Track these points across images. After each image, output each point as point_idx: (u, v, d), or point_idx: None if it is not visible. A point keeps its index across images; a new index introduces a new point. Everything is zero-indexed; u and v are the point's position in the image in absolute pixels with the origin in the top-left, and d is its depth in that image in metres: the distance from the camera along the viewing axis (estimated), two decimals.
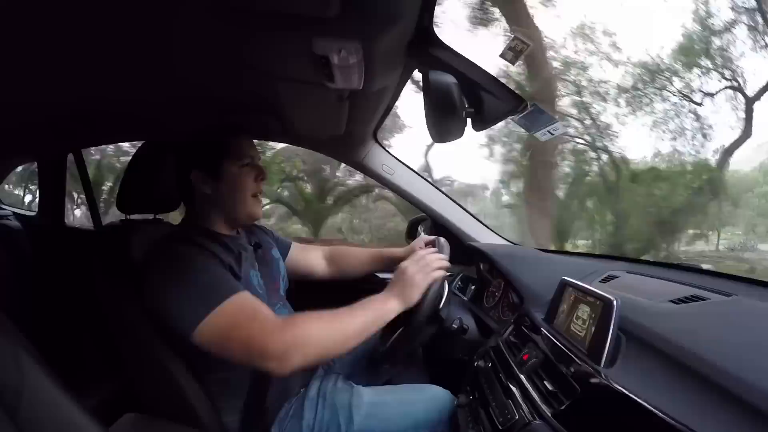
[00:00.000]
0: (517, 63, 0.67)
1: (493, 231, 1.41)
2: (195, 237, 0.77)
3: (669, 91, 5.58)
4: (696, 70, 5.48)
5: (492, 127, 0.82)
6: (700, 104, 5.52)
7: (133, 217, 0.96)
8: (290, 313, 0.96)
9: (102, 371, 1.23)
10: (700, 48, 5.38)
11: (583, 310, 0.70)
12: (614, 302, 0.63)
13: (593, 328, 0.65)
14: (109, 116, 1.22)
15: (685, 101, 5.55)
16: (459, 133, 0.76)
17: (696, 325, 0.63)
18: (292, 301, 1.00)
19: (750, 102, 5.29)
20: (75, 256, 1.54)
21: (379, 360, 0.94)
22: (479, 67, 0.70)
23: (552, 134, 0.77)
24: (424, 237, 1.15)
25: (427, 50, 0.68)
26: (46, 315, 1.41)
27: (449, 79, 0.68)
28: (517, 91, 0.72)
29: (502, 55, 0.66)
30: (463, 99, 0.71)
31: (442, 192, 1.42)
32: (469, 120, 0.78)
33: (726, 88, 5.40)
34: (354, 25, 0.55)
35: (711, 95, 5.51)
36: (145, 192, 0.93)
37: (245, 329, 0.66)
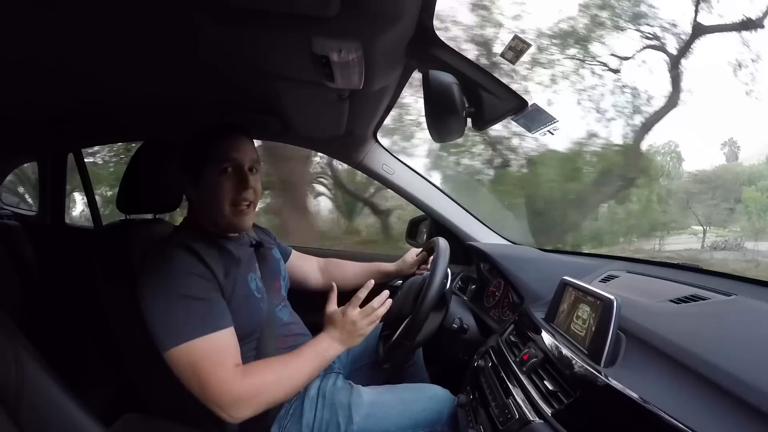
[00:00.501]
0: None
1: (493, 231, 1.41)
2: (192, 241, 0.76)
3: (578, 59, 4.41)
4: (607, 31, 4.29)
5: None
6: (617, 71, 4.45)
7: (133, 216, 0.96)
8: (291, 314, 0.96)
9: (102, 371, 1.23)
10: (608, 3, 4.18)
11: (584, 310, 0.70)
12: (614, 302, 0.63)
13: (593, 328, 0.65)
14: (109, 116, 1.22)
15: (603, 71, 4.39)
16: (459, 132, 0.76)
17: (696, 325, 0.63)
18: (291, 301, 1.00)
19: (675, 62, 4.25)
20: (75, 256, 1.55)
21: (382, 358, 0.94)
22: (479, 66, 0.70)
23: (552, 133, 0.77)
24: (414, 251, 1.17)
25: (427, 50, 0.68)
26: (47, 315, 1.41)
27: (449, 78, 0.68)
28: None
29: (502, 55, 0.66)
30: (464, 98, 0.71)
31: (443, 192, 1.42)
32: (469, 120, 0.78)
33: (646, 47, 4.30)
34: (354, 25, 0.55)
35: (627, 59, 4.40)
36: (145, 192, 0.93)
37: (206, 375, 0.68)
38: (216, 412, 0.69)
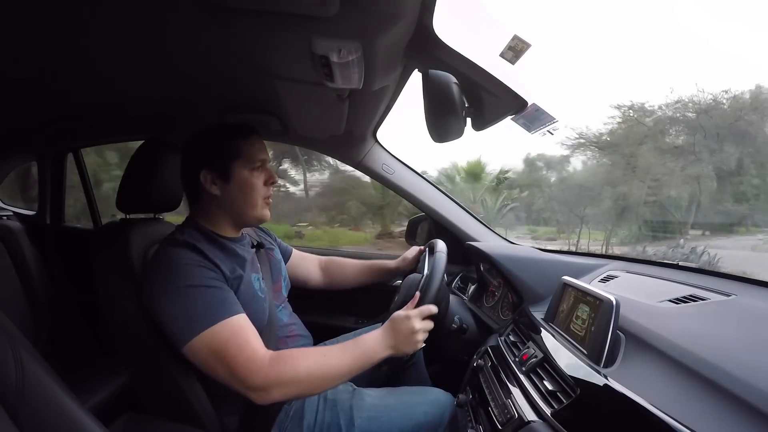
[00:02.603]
0: None
1: (492, 231, 1.41)
2: (196, 241, 0.76)
3: None
4: None
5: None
6: None
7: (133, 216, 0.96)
8: (290, 315, 0.96)
9: (102, 371, 1.23)
10: None
11: (583, 310, 0.70)
12: (613, 302, 0.63)
13: (593, 328, 0.65)
14: (109, 116, 1.22)
15: None
16: (459, 132, 0.76)
17: (695, 325, 0.63)
18: (291, 301, 1.00)
19: None
20: (75, 256, 1.55)
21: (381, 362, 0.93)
22: (479, 66, 0.70)
23: (552, 134, 0.77)
24: (415, 248, 1.16)
25: (427, 50, 0.68)
26: (46, 314, 1.41)
27: (449, 78, 0.68)
28: None
29: (502, 55, 0.66)
30: (463, 98, 0.71)
31: (443, 192, 1.42)
32: (469, 120, 0.78)
33: None
34: (353, 25, 0.55)
35: None
36: (145, 191, 0.93)
37: (232, 357, 0.68)
38: (244, 393, 0.69)
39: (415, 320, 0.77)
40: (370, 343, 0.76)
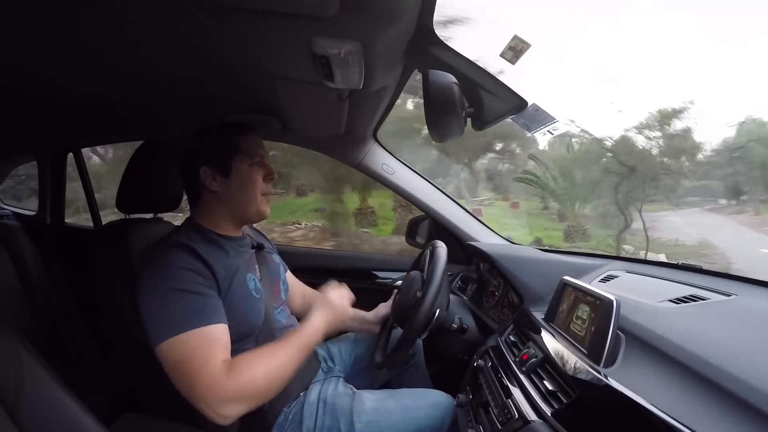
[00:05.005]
0: None
1: (492, 230, 1.41)
2: (191, 240, 0.76)
3: None
4: None
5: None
6: None
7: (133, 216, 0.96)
8: (289, 317, 0.95)
9: (102, 371, 1.23)
10: None
11: (583, 310, 0.70)
12: (614, 302, 0.63)
13: (593, 328, 0.65)
14: (109, 116, 1.22)
15: None
16: (459, 132, 0.76)
17: (696, 325, 0.63)
18: None
19: None
20: (75, 256, 1.54)
21: (380, 364, 0.93)
22: (479, 66, 0.70)
23: (552, 134, 0.77)
24: (384, 304, 1.12)
25: (427, 50, 0.68)
26: (47, 315, 1.41)
27: (449, 78, 0.68)
28: None
29: (502, 55, 0.66)
30: (463, 98, 0.71)
31: (443, 192, 1.42)
32: (469, 120, 0.78)
33: None
34: (353, 24, 0.55)
35: None
36: (145, 191, 0.93)
37: (195, 369, 0.65)
38: (204, 411, 0.65)
39: (341, 301, 0.92)
40: (311, 327, 0.80)
